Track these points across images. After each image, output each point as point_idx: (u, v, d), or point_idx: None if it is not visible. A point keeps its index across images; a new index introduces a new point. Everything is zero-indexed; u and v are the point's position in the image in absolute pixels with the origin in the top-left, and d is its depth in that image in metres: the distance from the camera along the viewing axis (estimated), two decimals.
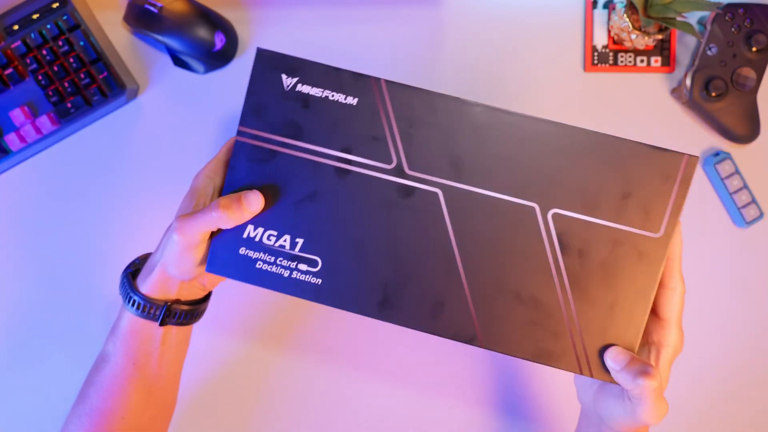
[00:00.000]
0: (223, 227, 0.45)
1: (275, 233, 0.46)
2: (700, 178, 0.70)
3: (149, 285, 0.47)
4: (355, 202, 0.45)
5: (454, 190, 0.45)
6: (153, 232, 0.66)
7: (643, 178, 0.43)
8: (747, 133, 0.68)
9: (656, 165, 0.43)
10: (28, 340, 0.65)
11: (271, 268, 0.46)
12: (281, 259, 0.46)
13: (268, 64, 0.45)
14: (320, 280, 0.46)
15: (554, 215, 0.44)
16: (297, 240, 0.46)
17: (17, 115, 0.63)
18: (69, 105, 0.63)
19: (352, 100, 0.45)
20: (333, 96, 0.45)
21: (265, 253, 0.46)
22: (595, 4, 0.69)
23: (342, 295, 0.45)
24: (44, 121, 0.63)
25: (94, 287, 0.65)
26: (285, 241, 0.46)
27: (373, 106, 0.45)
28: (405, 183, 0.45)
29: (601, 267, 0.44)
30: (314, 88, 0.45)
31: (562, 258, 0.44)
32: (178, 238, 0.44)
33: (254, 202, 0.45)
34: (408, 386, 0.67)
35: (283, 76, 0.45)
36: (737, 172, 0.68)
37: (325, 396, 0.66)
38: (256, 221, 0.46)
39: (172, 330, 0.49)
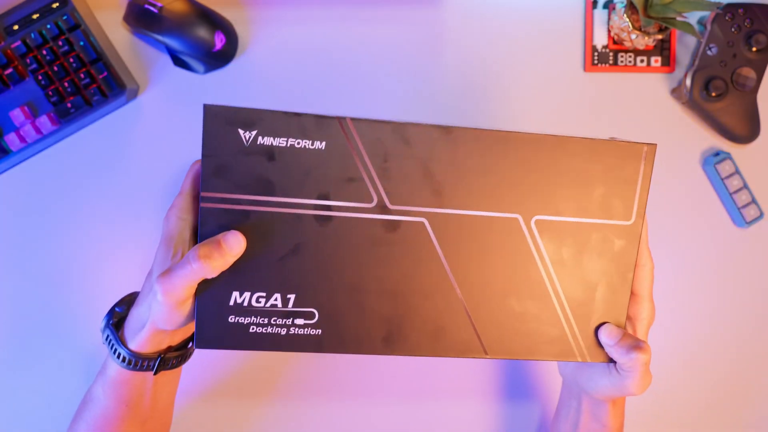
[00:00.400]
0: (208, 277, 0.42)
1: (264, 294, 0.44)
2: (700, 178, 0.70)
3: (140, 342, 0.45)
4: (342, 247, 0.44)
5: (439, 216, 0.45)
6: (153, 232, 0.66)
7: (610, 172, 0.46)
8: (747, 133, 0.68)
9: (621, 158, 0.46)
10: (28, 340, 0.65)
11: (266, 330, 0.44)
12: (275, 318, 0.44)
13: (221, 120, 0.42)
14: (320, 331, 0.45)
15: (537, 222, 0.46)
16: (288, 296, 0.44)
17: (17, 115, 0.63)
18: (69, 105, 0.63)
19: (320, 145, 0.43)
20: (299, 143, 0.43)
21: (256, 317, 0.44)
22: (595, 4, 0.69)
23: (345, 341, 0.45)
24: (44, 121, 0.63)
25: (94, 286, 0.65)
26: (276, 300, 0.44)
27: (343, 147, 0.43)
28: (389, 218, 0.44)
29: (585, 261, 0.47)
30: (277, 138, 0.42)
31: (549, 260, 0.46)
32: (163, 299, 0.42)
33: (236, 243, 0.42)
34: (404, 396, 0.67)
35: (240, 131, 0.42)
36: (737, 172, 0.68)
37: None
38: (241, 286, 0.43)
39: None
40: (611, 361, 0.48)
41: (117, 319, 0.48)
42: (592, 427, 0.53)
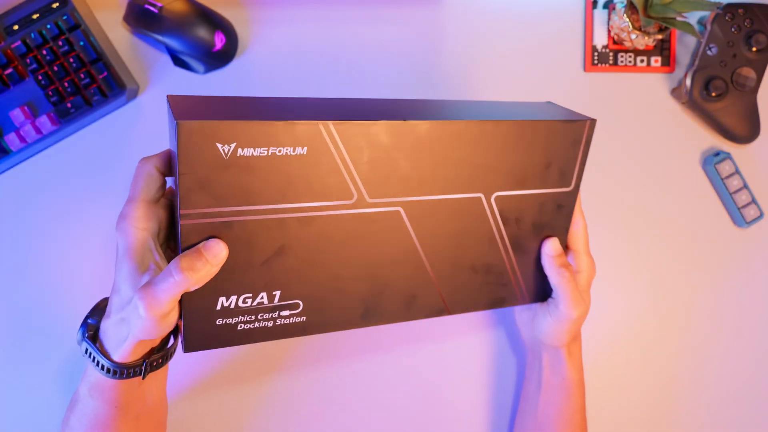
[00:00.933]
0: (191, 289, 0.41)
1: (250, 295, 0.44)
2: (700, 178, 0.70)
3: (124, 354, 0.44)
4: (324, 243, 0.46)
5: (413, 203, 0.47)
6: None
7: (558, 147, 0.51)
8: (747, 133, 0.68)
9: (567, 134, 0.50)
10: (29, 340, 0.65)
11: (253, 325, 0.45)
12: (262, 314, 0.45)
13: (197, 136, 0.39)
14: (304, 318, 0.47)
15: (496, 198, 0.50)
16: (275, 293, 0.45)
17: (17, 115, 0.63)
18: (69, 105, 0.63)
19: (301, 150, 0.42)
20: (280, 151, 0.41)
21: (243, 315, 0.45)
22: (595, 4, 0.69)
23: (327, 322, 0.48)
24: (44, 121, 0.63)
25: (94, 286, 0.65)
26: (262, 298, 0.45)
27: (324, 150, 0.43)
28: (368, 211, 0.46)
29: (532, 225, 0.53)
30: (257, 148, 0.41)
31: (504, 229, 0.52)
32: (146, 314, 0.40)
33: (218, 251, 0.41)
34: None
35: (219, 145, 0.40)
36: (737, 172, 0.68)
37: (323, 399, 0.66)
38: (227, 291, 0.43)
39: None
40: (547, 297, 0.55)
41: (92, 331, 0.47)
42: (553, 382, 0.59)
